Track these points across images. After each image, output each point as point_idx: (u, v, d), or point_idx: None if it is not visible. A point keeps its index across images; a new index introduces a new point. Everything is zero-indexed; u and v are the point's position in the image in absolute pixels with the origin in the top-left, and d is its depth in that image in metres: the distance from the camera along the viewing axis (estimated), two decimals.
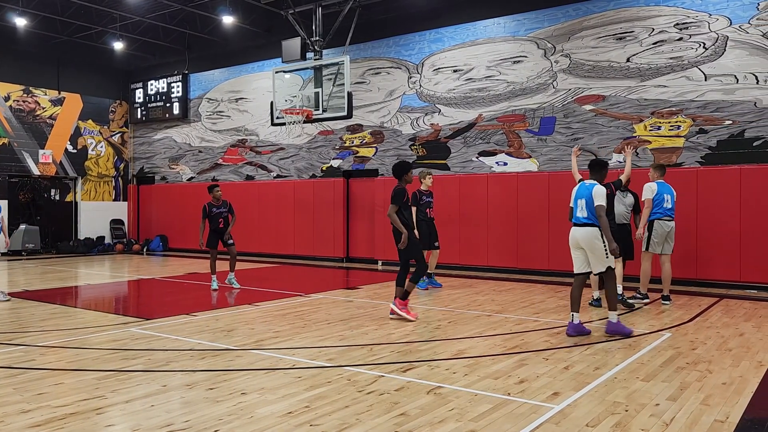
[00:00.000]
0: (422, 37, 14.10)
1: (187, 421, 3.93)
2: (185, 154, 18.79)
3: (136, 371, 5.14)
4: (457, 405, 4.27)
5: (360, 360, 5.53)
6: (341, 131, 15.42)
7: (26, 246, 16.93)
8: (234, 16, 15.23)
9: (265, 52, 16.62)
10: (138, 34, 17.09)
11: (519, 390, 4.62)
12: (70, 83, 18.75)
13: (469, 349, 5.94)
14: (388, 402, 4.34)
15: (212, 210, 10.11)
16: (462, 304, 8.79)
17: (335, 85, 12.81)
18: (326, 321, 7.46)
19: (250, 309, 8.33)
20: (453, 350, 5.93)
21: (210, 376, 4.97)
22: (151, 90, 19.40)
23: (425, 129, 14.03)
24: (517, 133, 12.77)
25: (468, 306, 8.58)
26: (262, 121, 16.65)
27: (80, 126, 19.01)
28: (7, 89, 17.32)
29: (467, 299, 9.20)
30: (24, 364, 5.33)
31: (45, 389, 4.62)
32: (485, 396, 4.48)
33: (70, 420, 3.96)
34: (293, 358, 5.59)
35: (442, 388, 4.65)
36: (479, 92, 13.25)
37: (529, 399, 4.41)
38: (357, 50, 14.78)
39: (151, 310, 8.26)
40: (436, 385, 4.72)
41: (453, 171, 13.56)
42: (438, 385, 4.72)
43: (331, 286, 10.27)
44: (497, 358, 5.60)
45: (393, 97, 14.54)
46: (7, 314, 7.86)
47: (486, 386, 4.71)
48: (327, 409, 4.17)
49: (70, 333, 6.71)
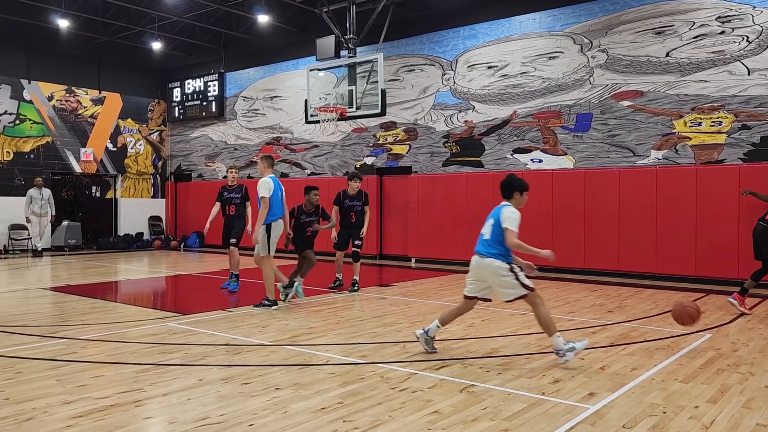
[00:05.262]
0: (456, 33, 14.01)
1: (223, 415, 3.99)
2: (221, 152, 19.07)
3: (174, 365, 5.24)
4: (491, 404, 4.24)
5: (393, 357, 5.54)
6: (375, 129, 15.44)
7: (68, 242, 17.42)
8: (269, 15, 15.39)
9: (299, 51, 16.74)
10: (175, 34, 17.40)
11: (554, 390, 4.56)
12: (111, 83, 19.21)
13: (503, 348, 5.89)
14: (421, 399, 4.33)
15: (301, 217, 8.81)
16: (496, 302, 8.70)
17: (369, 83, 12.82)
18: (359, 318, 7.48)
19: (284, 305, 8.41)
20: (486, 348, 5.89)
21: (245, 371, 5.04)
22: (188, 89, 19.75)
23: (459, 126, 13.95)
24: (553, 129, 12.60)
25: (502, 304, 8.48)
26: (297, 118, 16.78)
27: (120, 125, 19.47)
28: (51, 89, 17.83)
29: None
30: (66, 357, 5.49)
31: (86, 381, 4.74)
32: (519, 395, 4.44)
33: (110, 411, 4.05)
34: (327, 354, 5.63)
35: (475, 387, 4.63)
36: (514, 89, 13.11)
37: (564, 399, 4.35)
38: (390, 47, 14.78)
39: (187, 306, 8.42)
40: (469, 384, 4.70)
41: (487, 168, 13.45)
42: (471, 384, 4.70)
43: (365, 284, 10.29)
44: (531, 357, 5.54)
45: (426, 94, 14.50)
46: (50, 308, 8.11)
47: (520, 385, 4.67)
48: (360, 406, 4.18)
49: (110, 327, 6.88)
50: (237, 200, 9.51)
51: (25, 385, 4.61)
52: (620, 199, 11.55)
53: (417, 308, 8.16)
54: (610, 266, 11.67)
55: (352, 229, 9.53)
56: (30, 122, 17.41)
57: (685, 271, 10.85)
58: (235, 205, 9.48)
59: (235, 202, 9.48)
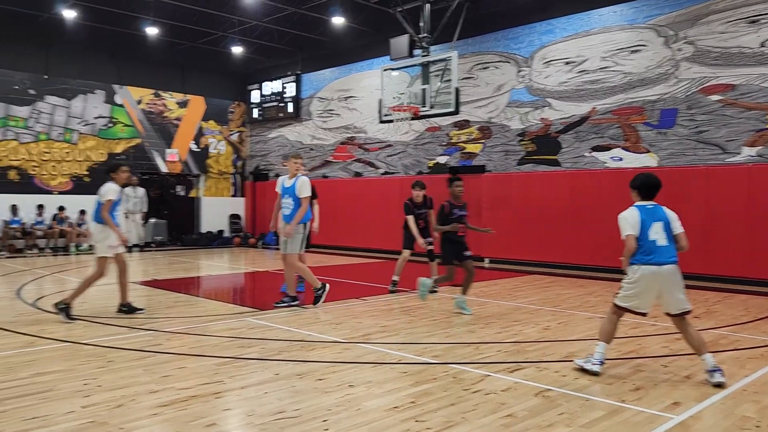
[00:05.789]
0: (532, 29, 13.71)
1: (298, 410, 4.08)
2: (297, 152, 19.48)
3: (251, 359, 5.40)
4: (568, 409, 4.12)
5: (466, 358, 5.48)
6: (448, 127, 15.35)
7: (155, 238, 18.32)
8: (344, 17, 15.59)
9: (373, 51, 16.87)
10: (255, 38, 17.94)
11: (635, 397, 4.38)
12: (194, 86, 20.06)
13: (580, 352, 5.70)
14: (495, 402, 4.26)
15: (453, 211, 7.73)
16: (573, 304, 8.48)
17: (442, 81, 12.75)
18: (432, 317, 7.46)
19: (357, 303, 8.51)
20: (563, 352, 5.72)
21: (319, 367, 5.13)
22: (266, 91, 20.33)
23: (535, 124, 13.64)
24: (634, 126, 12.10)
25: (579, 307, 8.26)
26: (370, 118, 16.92)
27: (203, 126, 20.29)
28: (140, 93, 18.82)
29: (578, 300, 8.86)
30: (152, 348, 5.77)
31: (170, 372, 4.97)
32: (598, 402, 4.29)
33: (192, 402, 4.23)
34: (399, 353, 5.64)
35: (551, 391, 4.51)
36: (593, 84, 12.69)
37: (646, 407, 4.16)
38: (465, 45, 14.63)
39: (265, 302, 8.64)
40: (544, 388, 4.58)
41: (564, 167, 13.09)
42: (547, 388, 4.58)
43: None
44: (611, 362, 5.33)
45: (501, 91, 14.27)
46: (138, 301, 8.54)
47: (599, 391, 4.51)
48: (432, 406, 4.17)
49: (192, 320, 7.17)
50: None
51: (115, 374, 4.88)
52: (708, 199, 10.95)
53: (491, 309, 8.04)
54: (697, 269, 11.05)
55: (421, 233, 9.47)
56: (121, 125, 18.44)
57: None
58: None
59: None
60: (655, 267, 4.81)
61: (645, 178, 5.11)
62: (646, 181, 5.09)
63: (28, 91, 16.65)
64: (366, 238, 16.74)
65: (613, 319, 5.05)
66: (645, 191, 5.07)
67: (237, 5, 15.54)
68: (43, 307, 7.91)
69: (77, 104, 17.56)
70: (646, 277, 4.83)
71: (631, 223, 4.93)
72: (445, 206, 7.66)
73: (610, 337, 5.03)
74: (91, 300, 8.85)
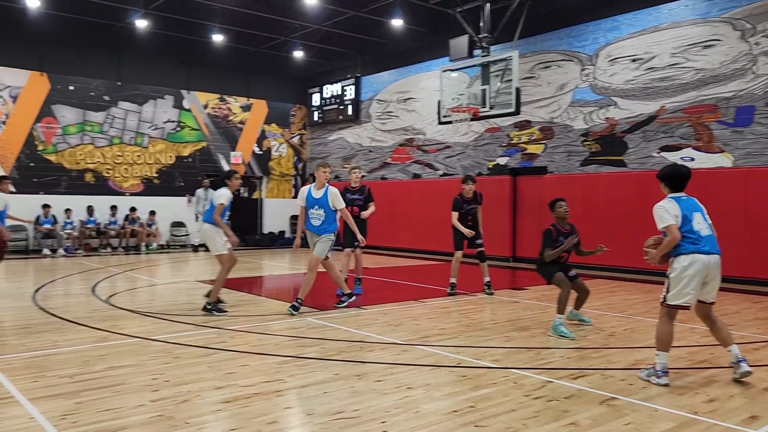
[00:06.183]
0: (597, 26, 13.33)
1: (357, 410, 4.10)
2: (357, 154, 19.67)
3: (311, 358, 5.47)
4: (635, 419, 3.97)
5: (527, 363, 5.37)
6: (508, 128, 15.12)
7: None
8: (403, 18, 15.61)
9: (432, 52, 16.82)
10: (315, 42, 18.21)
11: (708, 409, 4.17)
12: (257, 90, 20.57)
13: (648, 360, 5.47)
14: (557, 409, 4.15)
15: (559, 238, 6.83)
16: (640, 310, 8.18)
17: (503, 82, 12.58)
18: (491, 321, 7.35)
19: (416, 305, 8.49)
20: (629, 360, 5.52)
21: (378, 369, 5.14)
22: (327, 94, 20.61)
23: (599, 123, 13.26)
24: (707, 125, 11.57)
25: (647, 313, 7.96)
26: (429, 120, 16.87)
27: (265, 129, 20.78)
28: (206, 98, 19.44)
29: (646, 305, 8.54)
30: (217, 345, 5.93)
31: (234, 369, 5.09)
32: (667, 412, 4.11)
33: (254, 399, 4.31)
34: (458, 356, 5.59)
35: (617, 400, 4.35)
36: (662, 82, 12.22)
37: (721, 420, 3.96)
38: (526, 44, 14.38)
39: (324, 302, 8.74)
40: (610, 396, 4.43)
41: (630, 168, 12.66)
42: (612, 396, 4.43)
43: (497, 286, 10.09)
44: (682, 372, 5.11)
45: (564, 91, 13.94)
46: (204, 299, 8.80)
47: (668, 402, 4.32)
48: (492, 411, 4.10)
49: (255, 319, 7.34)
50: (359, 201, 9.18)
51: (181, 370, 5.04)
52: None
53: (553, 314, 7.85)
54: None
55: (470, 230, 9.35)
56: (188, 129, 19.10)
57: None
58: (358, 206, 9.14)
59: (357, 204, 9.15)
60: (705, 256, 4.70)
61: (675, 169, 5.01)
62: (677, 171, 4.98)
63: (103, 97, 17.49)
64: (424, 240, 16.69)
65: (668, 322, 4.84)
66: (677, 182, 4.95)
67: (299, 10, 15.82)
68: (116, 304, 8.26)
69: (148, 109, 18.30)
70: (696, 267, 4.68)
71: (671, 213, 4.77)
72: (551, 231, 6.82)
73: (668, 344, 4.81)
74: (159, 298, 9.20)
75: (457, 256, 9.35)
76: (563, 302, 6.53)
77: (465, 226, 9.22)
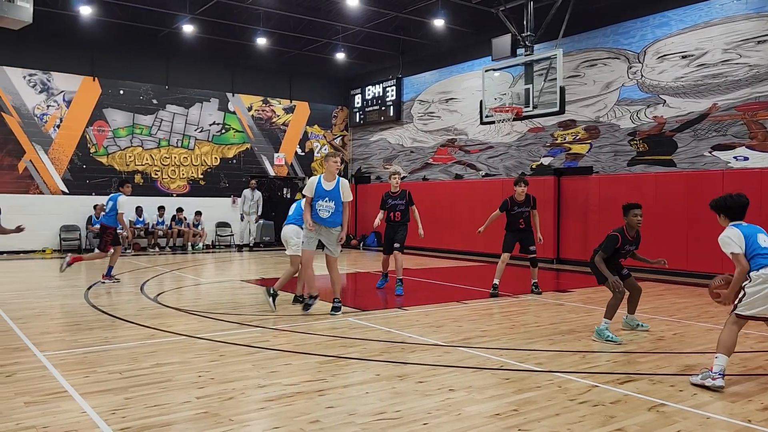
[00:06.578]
0: (645, 22, 13.00)
1: (398, 411, 4.09)
2: (398, 155, 19.68)
3: (353, 359, 5.49)
4: (685, 427, 3.85)
5: (572, 367, 5.27)
6: (552, 128, 14.89)
7: (264, 238, 19.15)
8: (444, 19, 15.55)
9: (474, 52, 16.70)
10: (357, 44, 18.31)
11: (762, 418, 4.01)
12: (300, 92, 20.81)
13: (699, 366, 5.31)
14: (603, 415, 4.06)
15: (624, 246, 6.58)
16: (690, 314, 7.94)
17: (546, 81, 12.39)
18: (535, 323, 7.24)
19: (458, 306, 8.43)
20: (679, 365, 5.36)
21: (419, 370, 5.12)
22: (368, 95, 20.70)
23: (647, 122, 12.93)
24: (762, 123, 11.15)
25: (698, 317, 7.72)
26: (471, 120, 16.75)
27: (307, 131, 21.00)
28: (250, 101, 19.77)
29: (697, 309, 8.28)
30: (260, 344, 6.01)
31: (277, 368, 5.15)
32: (720, 420, 3.97)
33: (297, 398, 4.35)
34: (501, 359, 5.52)
35: (665, 406, 4.23)
36: (713, 79, 11.83)
37: None
38: (570, 42, 14.14)
39: (366, 302, 8.78)
40: (659, 402, 4.31)
41: (680, 167, 12.30)
42: (661, 402, 4.30)
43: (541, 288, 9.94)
44: (735, 378, 4.93)
45: (610, 89, 13.64)
46: (247, 298, 8.95)
47: (720, 409, 4.18)
48: (536, 415, 4.03)
49: (297, 319, 7.41)
50: (401, 206, 9.47)
51: (226, 367, 5.13)
52: None
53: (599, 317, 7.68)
54: None
55: (522, 234, 9.27)
56: (233, 131, 19.45)
57: None
58: (400, 211, 9.46)
59: (399, 209, 9.47)
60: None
61: (734, 200, 4.88)
62: (736, 202, 4.87)
63: (151, 101, 17.98)
64: (466, 241, 16.57)
65: (734, 329, 4.72)
66: (737, 213, 4.87)
67: (341, 12, 15.93)
68: (163, 302, 8.47)
69: (194, 112, 18.72)
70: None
71: (737, 242, 4.71)
72: (617, 239, 6.41)
73: (731, 349, 4.67)
74: (205, 296, 9.39)
75: (503, 258, 9.25)
76: (613, 308, 6.35)
77: (516, 229, 9.20)
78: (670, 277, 11.58)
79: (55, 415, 3.93)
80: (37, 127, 16.32)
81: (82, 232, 16.67)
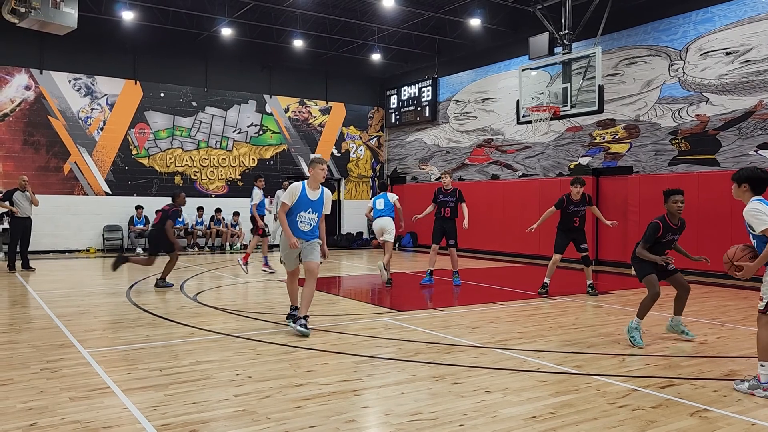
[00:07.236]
0: (687, 19, 12.68)
1: (434, 412, 4.08)
2: (434, 155, 19.63)
3: (389, 359, 5.50)
4: None
5: (611, 370, 5.18)
6: (591, 127, 14.64)
7: None
8: (481, 18, 15.44)
9: (510, 51, 16.54)
10: (393, 44, 18.34)
11: None
12: (336, 93, 20.94)
13: (744, 371, 5.15)
14: (643, 419, 3.98)
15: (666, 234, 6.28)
16: (735, 317, 7.71)
17: (585, 79, 12.19)
18: (573, 325, 7.14)
19: (494, 307, 8.37)
20: (723, 370, 5.21)
21: (455, 371, 5.10)
22: (404, 95, 20.69)
23: (689, 121, 12.60)
24: None
25: (742, 321, 7.49)
26: (508, 120, 16.60)
27: (343, 132, 21.11)
28: (287, 102, 19.99)
29: (741, 313, 8.04)
30: (297, 344, 6.07)
31: (313, 367, 5.20)
32: (765, 427, 3.85)
33: (333, 398, 4.38)
34: (538, 361, 5.46)
35: (709, 412, 4.12)
36: (759, 75, 11.46)
37: None
38: (609, 40, 13.88)
39: (401, 303, 8.78)
40: (701, 407, 4.20)
41: (724, 167, 11.95)
42: (704, 408, 4.19)
43: (579, 290, 9.79)
44: None
45: (650, 87, 13.34)
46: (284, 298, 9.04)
47: (767, 416, 4.04)
48: (574, 419, 3.98)
49: (333, 319, 7.46)
50: (452, 203, 10.01)
51: (263, 366, 5.20)
52: None
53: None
54: None
55: (575, 233, 9.34)
56: (270, 132, 19.70)
57: None
58: (450, 208, 10.02)
59: (450, 206, 10.02)
60: None
61: (759, 171, 4.69)
62: (758, 174, 4.67)
63: (191, 103, 18.33)
64: (502, 242, 16.44)
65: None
66: (760, 185, 4.65)
67: (377, 13, 15.98)
68: (202, 301, 8.63)
69: (232, 114, 19.02)
70: None
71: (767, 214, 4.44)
72: (659, 226, 6.13)
73: None
74: (242, 296, 9.53)
75: (554, 259, 9.32)
76: (646, 308, 6.15)
77: (570, 227, 9.31)
78: (713, 279, 11.27)
79: (98, 411, 4.05)
80: (81, 129, 16.81)
81: (124, 231, 17.10)
